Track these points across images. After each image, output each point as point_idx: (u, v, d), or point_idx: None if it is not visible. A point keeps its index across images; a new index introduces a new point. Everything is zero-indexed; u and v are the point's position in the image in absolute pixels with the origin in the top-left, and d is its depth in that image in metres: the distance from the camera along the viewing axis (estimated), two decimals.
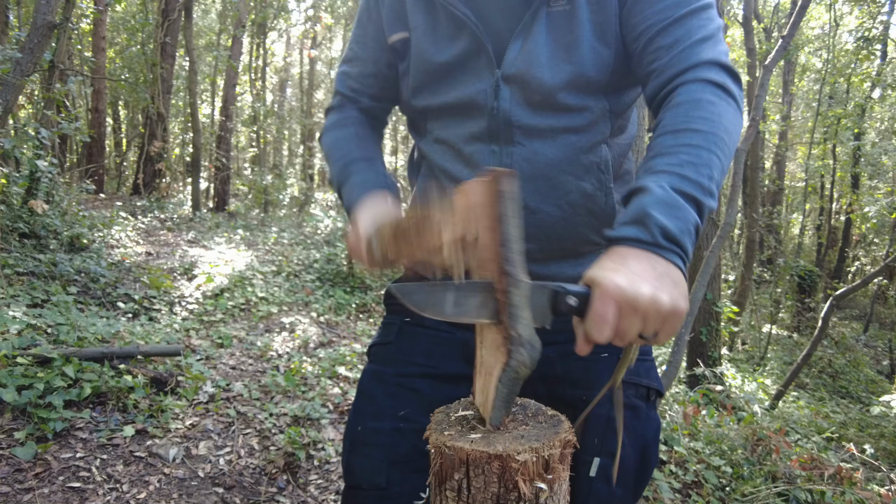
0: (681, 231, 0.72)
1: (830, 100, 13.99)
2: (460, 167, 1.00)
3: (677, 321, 0.69)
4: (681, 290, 0.69)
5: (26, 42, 4.17)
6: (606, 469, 0.97)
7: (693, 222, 0.73)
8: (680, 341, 3.66)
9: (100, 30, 10.82)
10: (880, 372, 10.49)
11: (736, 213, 3.84)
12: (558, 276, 0.98)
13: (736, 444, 3.10)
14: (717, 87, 0.83)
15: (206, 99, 16.66)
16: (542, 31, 0.92)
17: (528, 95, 0.94)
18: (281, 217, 12.41)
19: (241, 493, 2.47)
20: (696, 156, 0.77)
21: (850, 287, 6.67)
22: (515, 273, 0.66)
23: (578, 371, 1.01)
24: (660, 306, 0.67)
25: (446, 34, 0.97)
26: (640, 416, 1.01)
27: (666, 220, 0.71)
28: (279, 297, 5.87)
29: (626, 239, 0.72)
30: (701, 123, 0.79)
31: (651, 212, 0.72)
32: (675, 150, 0.78)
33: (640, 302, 0.66)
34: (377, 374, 1.07)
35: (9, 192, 4.97)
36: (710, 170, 0.77)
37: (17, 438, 2.41)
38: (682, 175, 0.75)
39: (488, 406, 0.68)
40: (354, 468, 1.02)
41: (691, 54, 0.85)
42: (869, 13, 12.21)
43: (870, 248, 14.67)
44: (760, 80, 3.92)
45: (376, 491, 0.98)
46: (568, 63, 0.92)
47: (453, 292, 0.67)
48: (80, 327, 3.48)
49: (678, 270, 0.71)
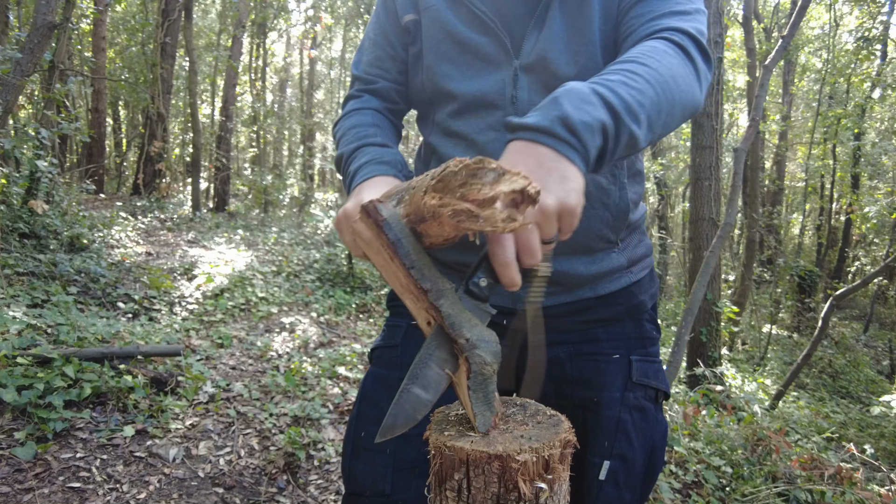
0: (583, 123, 0.66)
1: (830, 100, 13.99)
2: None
3: (571, 218, 0.65)
4: (571, 184, 0.65)
5: (26, 42, 4.17)
6: (616, 472, 0.95)
7: (600, 120, 0.68)
8: (680, 341, 3.66)
9: (100, 30, 10.82)
10: (880, 372, 10.49)
11: (736, 213, 3.84)
12: (570, 272, 0.97)
13: (736, 445, 3.10)
14: (676, 45, 0.82)
15: (206, 99, 16.66)
16: (556, 17, 0.92)
17: (547, 82, 0.93)
18: (281, 217, 12.42)
19: (241, 494, 2.47)
20: (631, 79, 0.73)
21: (851, 287, 6.67)
22: (433, 286, 0.64)
23: (589, 372, 1.00)
24: (547, 210, 0.63)
25: (465, 17, 0.97)
26: (649, 418, 1.00)
27: (570, 109, 0.67)
28: (279, 298, 5.87)
29: (521, 127, 0.68)
30: (648, 60, 0.76)
31: (558, 98, 0.68)
32: (611, 72, 0.75)
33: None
34: (381, 378, 1.04)
35: (9, 192, 4.97)
36: (641, 96, 0.72)
37: (17, 438, 2.41)
38: (608, 85, 0.71)
39: (470, 415, 0.68)
40: (357, 474, 0.99)
41: (661, 22, 0.85)
42: (869, 13, 12.21)
43: (870, 248, 14.67)
44: (760, 80, 3.92)
45: (380, 498, 0.96)
46: (583, 46, 0.92)
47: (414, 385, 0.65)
48: (80, 327, 3.47)
49: (571, 164, 0.66)
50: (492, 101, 0.95)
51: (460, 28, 0.96)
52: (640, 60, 0.76)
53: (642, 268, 1.05)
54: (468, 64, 0.96)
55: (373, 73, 1.11)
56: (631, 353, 1.01)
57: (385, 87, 1.11)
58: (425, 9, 1.00)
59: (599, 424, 0.96)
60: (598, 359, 1.00)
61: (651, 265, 1.08)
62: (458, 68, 0.97)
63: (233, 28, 13.38)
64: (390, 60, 1.09)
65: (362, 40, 1.16)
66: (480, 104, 0.96)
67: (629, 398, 0.98)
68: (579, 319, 1.00)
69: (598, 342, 1.00)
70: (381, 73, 1.10)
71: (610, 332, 1.00)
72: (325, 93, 21.96)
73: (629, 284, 1.02)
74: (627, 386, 0.99)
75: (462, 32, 0.96)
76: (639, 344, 1.03)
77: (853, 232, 14.87)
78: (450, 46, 0.97)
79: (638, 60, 0.76)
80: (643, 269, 1.05)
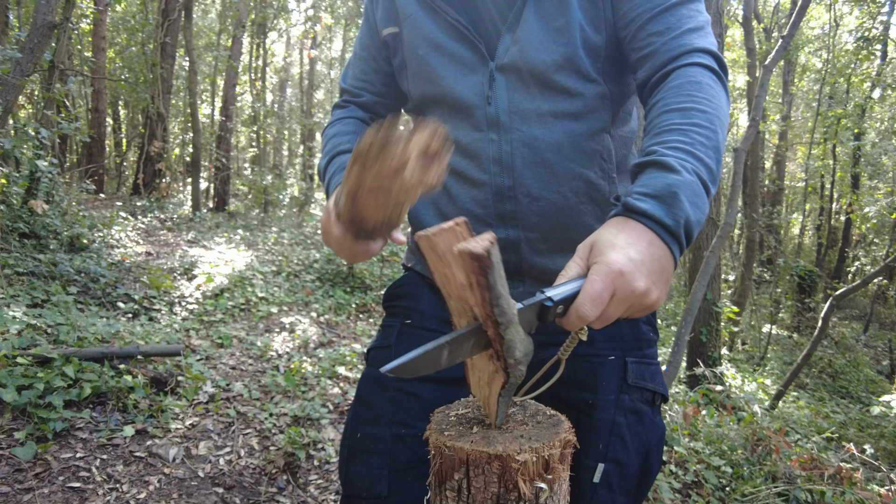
0: (698, 223, 0.70)
1: (830, 100, 13.99)
2: (460, 158, 1.00)
3: (649, 312, 0.70)
4: (668, 285, 0.69)
5: (26, 42, 4.17)
6: (610, 475, 0.94)
7: (706, 214, 0.71)
8: (680, 341, 3.66)
9: (100, 30, 10.82)
10: (880, 372, 10.49)
11: (736, 213, 3.84)
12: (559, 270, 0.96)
13: (736, 445, 3.10)
14: (713, 72, 0.84)
15: (205, 99, 16.66)
16: (530, 18, 0.93)
17: (523, 79, 0.95)
18: (281, 217, 12.41)
19: (240, 494, 2.47)
20: (706, 137, 0.75)
21: (850, 287, 6.67)
22: (508, 318, 0.61)
23: (583, 373, 0.99)
24: (646, 301, 0.66)
25: (442, 25, 0.99)
26: (644, 421, 0.99)
27: (691, 211, 0.69)
28: (279, 297, 5.86)
29: (645, 214, 0.69)
30: (705, 105, 0.78)
31: (680, 195, 0.69)
32: (687, 129, 0.75)
33: (634, 294, 0.65)
34: (376, 379, 1.03)
35: (9, 192, 4.97)
36: (718, 154, 0.75)
37: (17, 438, 2.41)
38: (699, 158, 0.72)
39: (491, 412, 0.68)
40: (353, 477, 0.99)
41: (684, 41, 0.86)
42: (869, 13, 12.21)
43: (870, 248, 14.66)
44: (760, 80, 3.92)
45: (377, 500, 0.95)
46: (560, 45, 0.92)
47: (447, 348, 0.62)
48: (80, 327, 3.47)
49: (674, 265, 0.69)
50: (471, 102, 0.97)
51: (438, 35, 0.98)
52: (701, 108, 0.78)
53: None
54: (448, 70, 0.98)
55: (358, 87, 1.16)
56: (627, 355, 1.00)
57: (370, 100, 1.16)
58: (405, 19, 1.02)
59: (593, 427, 0.95)
60: (592, 360, 0.99)
61: None
62: (439, 74, 0.99)
63: (233, 28, 13.38)
64: (374, 73, 1.13)
65: (352, 52, 1.20)
66: (461, 107, 0.98)
67: (624, 401, 0.97)
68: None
69: (593, 343, 0.99)
70: (365, 86, 1.15)
71: (605, 333, 0.99)
72: (324, 93, 21.95)
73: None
74: (622, 388, 0.98)
75: (439, 39, 0.98)
76: (635, 346, 1.02)
77: (853, 232, 14.88)
78: (430, 54, 0.99)
79: (699, 108, 0.78)
80: None
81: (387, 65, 1.12)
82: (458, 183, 1.01)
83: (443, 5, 0.97)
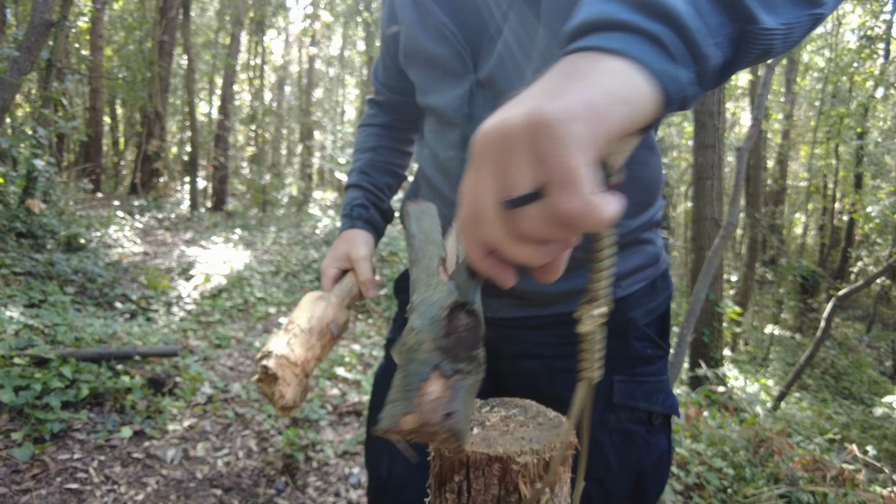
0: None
1: (833, 99, 13.98)
2: (438, 174, 0.96)
3: (550, 143, 0.37)
4: (578, 86, 0.39)
5: (24, 40, 4.15)
6: (590, 493, 0.89)
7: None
8: (682, 342, 3.64)
9: (97, 28, 10.82)
10: (883, 373, 10.47)
11: (738, 212, 3.82)
12: (536, 290, 0.90)
13: (738, 446, 3.08)
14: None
15: (204, 97, 16.67)
16: (508, 34, 0.86)
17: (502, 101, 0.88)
18: (279, 216, 12.40)
19: (239, 495, 2.45)
20: None
21: (853, 287, 6.65)
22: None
23: (563, 389, 0.92)
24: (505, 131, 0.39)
25: (430, 28, 0.93)
26: (635, 442, 0.92)
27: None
28: (277, 298, 5.85)
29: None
30: None
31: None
32: None
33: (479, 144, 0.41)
34: (387, 370, 1.08)
35: (6, 191, 4.96)
36: None
37: (14, 439, 2.39)
38: None
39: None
40: (367, 458, 1.10)
41: None
42: (872, 12, 12.20)
43: (873, 248, 14.65)
44: (763, 79, 3.90)
45: (380, 482, 1.02)
46: (538, 59, 0.85)
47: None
48: (77, 327, 3.45)
49: (619, 59, 0.41)
50: (450, 118, 0.90)
51: (425, 39, 0.92)
52: None
53: (636, 281, 0.95)
54: (436, 78, 0.93)
55: (380, 85, 1.16)
56: (613, 374, 0.92)
57: (390, 99, 1.16)
58: (401, 21, 0.97)
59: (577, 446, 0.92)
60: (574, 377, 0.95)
61: (654, 275, 0.96)
62: (429, 82, 0.94)
63: (231, 26, 13.38)
64: (393, 70, 1.11)
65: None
66: (444, 119, 0.92)
67: (610, 420, 0.91)
68: (555, 333, 0.94)
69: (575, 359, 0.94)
70: (386, 83, 1.14)
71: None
72: (323, 91, 21.96)
73: (614, 300, 0.94)
74: (608, 407, 0.91)
75: (426, 43, 0.92)
76: (625, 364, 0.94)
77: (856, 232, 14.85)
78: (420, 59, 0.94)
79: None
80: (637, 282, 0.95)
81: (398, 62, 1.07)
82: (436, 199, 0.97)
83: (431, 5, 0.88)
